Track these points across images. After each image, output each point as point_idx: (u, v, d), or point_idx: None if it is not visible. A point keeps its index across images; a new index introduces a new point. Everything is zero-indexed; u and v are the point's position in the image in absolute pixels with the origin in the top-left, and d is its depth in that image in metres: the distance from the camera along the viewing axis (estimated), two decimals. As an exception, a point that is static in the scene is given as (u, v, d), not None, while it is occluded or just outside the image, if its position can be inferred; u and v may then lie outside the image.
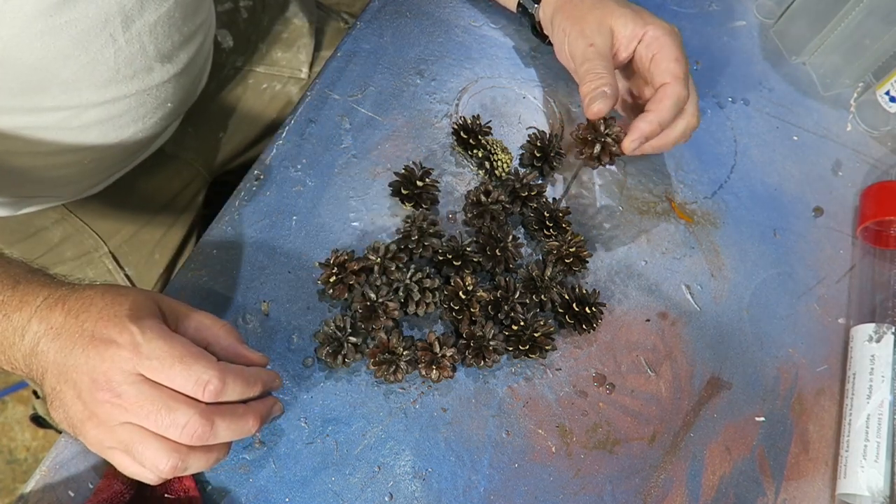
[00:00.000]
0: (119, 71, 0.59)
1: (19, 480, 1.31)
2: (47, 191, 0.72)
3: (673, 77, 0.59)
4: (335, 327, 0.54)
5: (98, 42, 0.56)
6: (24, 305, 0.45)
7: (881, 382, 0.63)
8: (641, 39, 0.61)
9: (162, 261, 0.79)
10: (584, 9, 0.61)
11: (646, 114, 0.60)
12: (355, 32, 0.69)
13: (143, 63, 0.61)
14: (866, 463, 0.60)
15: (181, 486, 0.49)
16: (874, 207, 0.72)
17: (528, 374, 0.59)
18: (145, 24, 0.59)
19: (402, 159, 0.64)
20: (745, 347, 0.66)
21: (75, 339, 0.43)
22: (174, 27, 0.62)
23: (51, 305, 0.44)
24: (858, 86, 0.82)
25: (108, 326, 0.43)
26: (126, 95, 0.62)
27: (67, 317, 0.44)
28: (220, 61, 0.84)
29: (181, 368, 0.42)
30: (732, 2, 0.83)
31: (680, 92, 0.59)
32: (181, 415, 0.42)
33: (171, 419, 0.42)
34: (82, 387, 0.43)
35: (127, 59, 0.59)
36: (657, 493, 0.58)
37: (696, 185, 0.71)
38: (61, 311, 0.44)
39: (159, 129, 0.75)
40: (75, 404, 0.43)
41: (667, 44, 0.60)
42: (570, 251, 0.60)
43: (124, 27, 0.57)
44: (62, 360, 0.43)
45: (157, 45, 0.61)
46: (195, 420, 0.42)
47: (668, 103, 0.59)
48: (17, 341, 0.45)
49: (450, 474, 0.54)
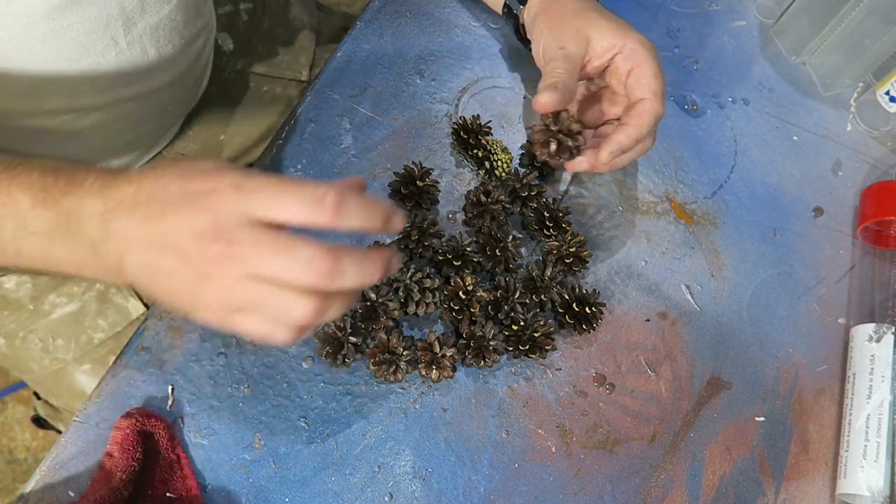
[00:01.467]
0: (120, 74, 0.59)
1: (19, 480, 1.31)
2: None
3: (652, 93, 0.58)
4: (335, 327, 0.54)
5: (100, 45, 0.56)
6: (74, 188, 0.40)
7: (881, 382, 0.63)
8: (620, 51, 0.60)
9: None
10: (566, 15, 0.61)
11: (624, 126, 0.58)
12: (355, 32, 0.69)
13: (145, 66, 0.61)
14: (866, 463, 0.60)
15: (182, 486, 0.49)
16: (874, 207, 0.72)
17: (528, 374, 0.59)
18: (147, 27, 0.59)
19: (402, 159, 0.64)
20: (745, 347, 0.66)
21: (162, 204, 0.39)
22: (175, 30, 0.62)
23: (109, 183, 0.40)
24: (858, 86, 0.82)
25: (198, 180, 0.39)
26: (127, 99, 0.62)
27: (140, 187, 0.39)
28: (220, 64, 0.84)
29: (294, 189, 0.38)
30: (732, 2, 0.83)
31: (658, 108, 0.59)
32: (305, 249, 0.38)
33: (294, 256, 0.38)
34: (188, 249, 0.38)
35: (128, 62, 0.59)
36: (657, 493, 0.58)
37: (696, 185, 0.71)
38: (127, 183, 0.40)
39: (160, 133, 0.75)
40: (182, 272, 0.39)
41: (646, 58, 0.59)
42: (570, 251, 0.60)
43: (126, 30, 0.57)
44: (151, 230, 0.39)
45: (158, 48, 0.61)
46: (319, 253, 0.38)
47: (647, 118, 0.58)
48: (79, 224, 0.40)
49: (450, 474, 0.54)
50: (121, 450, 0.48)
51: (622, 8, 0.78)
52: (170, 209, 0.39)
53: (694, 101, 0.76)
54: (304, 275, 0.38)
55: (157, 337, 0.53)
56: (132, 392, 0.51)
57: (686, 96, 0.76)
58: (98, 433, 0.50)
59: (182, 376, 0.53)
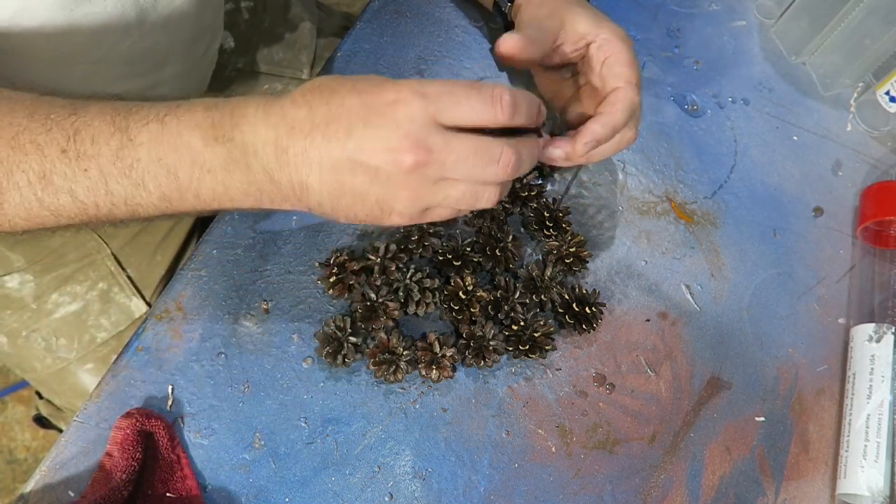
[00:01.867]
0: (132, 66, 0.59)
1: (19, 480, 1.31)
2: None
3: (626, 81, 0.57)
4: (335, 327, 0.54)
5: (114, 36, 0.56)
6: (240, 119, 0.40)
7: (881, 382, 0.63)
8: (594, 41, 0.59)
9: (164, 262, 0.79)
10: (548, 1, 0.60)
11: (599, 116, 0.56)
12: (355, 32, 0.69)
13: (155, 59, 0.61)
14: (866, 463, 0.60)
15: (182, 486, 0.49)
16: (874, 207, 0.72)
17: (528, 374, 0.59)
18: (159, 18, 0.58)
19: (402, 159, 0.64)
20: (745, 347, 0.66)
21: (344, 123, 0.39)
22: (187, 21, 0.62)
23: (274, 109, 0.40)
24: (858, 86, 0.82)
25: (377, 93, 0.39)
26: (136, 92, 0.61)
27: (313, 108, 0.39)
28: (221, 62, 0.84)
29: (476, 91, 0.40)
30: (732, 2, 0.83)
31: (633, 97, 0.57)
32: (496, 149, 0.41)
33: (488, 156, 0.41)
34: (380, 164, 0.39)
35: (140, 55, 0.59)
36: (657, 493, 0.58)
37: (696, 185, 0.71)
38: (295, 106, 0.40)
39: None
40: (373, 188, 0.40)
41: (620, 48, 0.58)
42: (570, 251, 0.61)
43: (139, 21, 0.57)
44: (338, 150, 0.39)
45: (169, 40, 0.61)
46: (507, 150, 0.41)
47: (620, 106, 0.56)
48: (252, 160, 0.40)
49: (450, 474, 0.54)
50: (121, 450, 0.48)
51: (622, 8, 0.78)
52: (357, 127, 0.38)
53: (694, 101, 0.76)
54: (495, 175, 0.42)
55: (156, 337, 0.53)
56: (132, 392, 0.51)
57: (686, 96, 0.76)
58: (98, 433, 0.50)
59: (182, 376, 0.53)
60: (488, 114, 0.41)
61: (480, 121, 0.41)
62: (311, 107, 0.39)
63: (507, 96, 0.41)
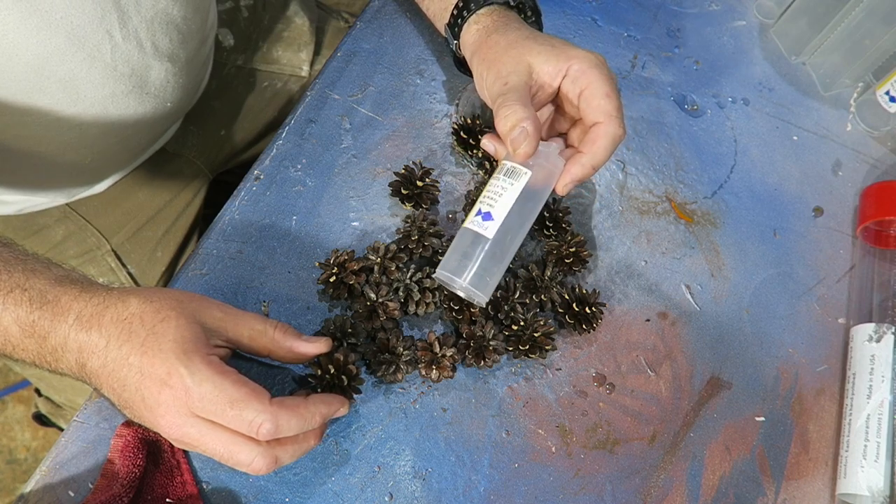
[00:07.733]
0: (116, 69, 0.59)
1: (19, 480, 1.31)
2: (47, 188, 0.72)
3: (606, 115, 0.54)
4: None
5: (95, 38, 0.56)
6: (56, 325, 0.45)
7: (881, 382, 0.63)
8: (566, 74, 0.55)
9: (164, 258, 0.79)
10: (500, 50, 0.57)
11: (578, 156, 0.55)
12: (355, 32, 0.69)
13: (141, 61, 0.61)
14: (866, 463, 0.60)
15: (182, 491, 0.49)
16: (874, 207, 0.72)
17: (528, 374, 0.59)
18: (142, 21, 0.58)
19: (402, 159, 0.64)
20: (745, 347, 0.66)
21: (125, 374, 0.44)
22: (172, 24, 0.62)
23: (85, 325, 0.45)
24: (858, 86, 0.82)
25: (154, 364, 0.44)
26: (124, 94, 0.62)
27: (109, 344, 0.45)
28: (220, 60, 0.84)
29: (233, 414, 0.44)
30: (732, 2, 0.83)
31: (615, 131, 0.54)
32: (244, 456, 0.44)
33: (234, 461, 0.45)
34: (145, 412, 0.45)
35: (124, 57, 0.59)
36: (657, 493, 0.58)
37: (696, 185, 0.71)
38: (99, 334, 0.45)
39: (160, 130, 0.75)
40: (146, 414, 0.45)
41: (594, 78, 0.54)
42: (570, 251, 0.60)
43: (121, 23, 0.57)
44: (118, 391, 0.45)
45: (154, 42, 0.61)
46: (258, 460, 0.45)
47: (602, 143, 0.54)
48: (61, 356, 0.46)
49: (450, 474, 0.54)
50: (122, 457, 0.48)
51: (622, 8, 0.78)
52: (131, 382, 0.44)
53: (694, 101, 0.76)
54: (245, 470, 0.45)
55: (157, 337, 0.53)
56: (132, 392, 0.51)
57: (686, 96, 0.76)
58: (98, 433, 0.50)
59: (182, 376, 0.52)
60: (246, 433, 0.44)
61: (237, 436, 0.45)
62: (109, 341, 0.45)
63: (266, 428, 0.44)
